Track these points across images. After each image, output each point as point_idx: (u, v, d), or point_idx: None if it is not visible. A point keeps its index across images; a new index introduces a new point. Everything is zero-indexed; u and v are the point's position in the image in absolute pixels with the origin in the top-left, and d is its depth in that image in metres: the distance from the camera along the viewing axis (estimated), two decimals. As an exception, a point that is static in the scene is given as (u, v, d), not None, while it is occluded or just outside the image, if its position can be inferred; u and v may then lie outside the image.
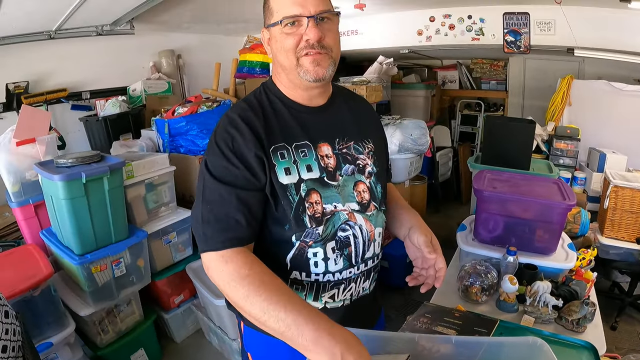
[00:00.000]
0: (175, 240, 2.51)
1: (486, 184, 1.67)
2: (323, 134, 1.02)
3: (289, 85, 1.02)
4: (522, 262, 1.56)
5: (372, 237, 1.04)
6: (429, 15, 3.80)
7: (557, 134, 3.06)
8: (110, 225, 2.10)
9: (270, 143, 0.95)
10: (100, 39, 3.60)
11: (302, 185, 0.95)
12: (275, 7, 0.95)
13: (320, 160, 0.99)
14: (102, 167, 2.01)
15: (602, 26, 3.18)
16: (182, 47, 4.32)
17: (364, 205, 1.03)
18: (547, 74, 4.23)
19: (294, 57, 0.94)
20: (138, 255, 2.25)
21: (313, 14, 0.91)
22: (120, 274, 2.16)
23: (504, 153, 2.24)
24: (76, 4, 2.63)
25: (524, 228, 1.59)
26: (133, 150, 2.80)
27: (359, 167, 1.05)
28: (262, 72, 3.26)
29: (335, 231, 0.98)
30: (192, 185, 2.72)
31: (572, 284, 1.55)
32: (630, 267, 2.67)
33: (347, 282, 1.03)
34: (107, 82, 3.76)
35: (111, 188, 2.05)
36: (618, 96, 3.32)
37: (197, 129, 2.59)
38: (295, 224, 0.95)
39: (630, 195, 2.52)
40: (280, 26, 0.93)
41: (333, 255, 0.98)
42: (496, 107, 5.59)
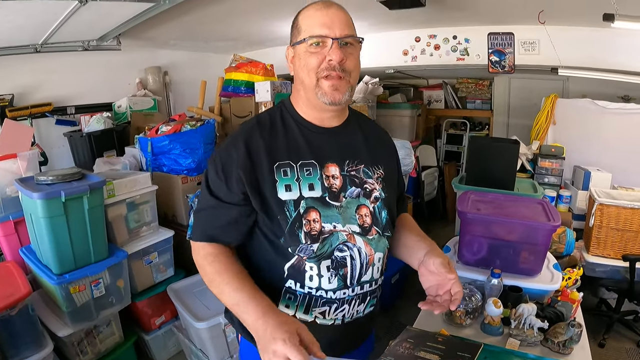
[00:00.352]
0: (157, 260, 2.47)
1: (470, 206, 1.66)
2: (332, 155, 1.05)
3: (306, 104, 1.06)
4: (506, 284, 1.53)
5: (371, 261, 1.05)
6: (414, 36, 3.84)
7: (541, 152, 3.08)
8: (90, 244, 2.06)
9: (275, 160, 1.00)
10: (86, 54, 3.59)
11: (302, 202, 0.99)
12: (303, 26, 1.00)
13: (324, 180, 1.02)
14: (82, 185, 1.98)
15: (585, 45, 3.24)
16: (169, 63, 4.32)
17: (365, 229, 1.04)
18: (532, 92, 4.30)
19: (314, 77, 0.99)
20: (118, 276, 2.21)
21: (338, 36, 0.97)
22: (99, 295, 2.11)
23: (488, 173, 2.23)
24: (62, 18, 2.62)
25: (509, 250, 1.57)
26: (116, 167, 2.77)
27: (366, 190, 1.07)
28: (248, 91, 3.25)
29: (332, 250, 0.99)
30: (174, 205, 2.69)
31: (557, 305, 1.53)
32: (617, 285, 2.67)
33: (340, 302, 1.03)
34: (92, 98, 3.74)
35: (91, 207, 2.02)
36: (602, 114, 3.36)
37: (180, 148, 2.58)
38: (290, 239, 0.98)
39: (616, 213, 2.54)
40: (306, 44, 0.98)
41: (327, 274, 1.00)
42: (481, 126, 5.66)
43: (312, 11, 1.00)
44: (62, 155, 3.55)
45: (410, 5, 2.32)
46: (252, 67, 3.25)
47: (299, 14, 1.04)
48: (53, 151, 3.51)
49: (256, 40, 4.32)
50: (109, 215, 2.24)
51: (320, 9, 0.99)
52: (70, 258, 2.00)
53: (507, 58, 3.45)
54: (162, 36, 3.70)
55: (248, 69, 3.24)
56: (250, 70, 3.23)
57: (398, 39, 3.90)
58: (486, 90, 5.29)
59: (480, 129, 5.64)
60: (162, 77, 4.22)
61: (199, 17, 3.06)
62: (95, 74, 3.74)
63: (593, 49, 3.22)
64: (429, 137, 5.82)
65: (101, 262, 2.10)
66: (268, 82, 3.08)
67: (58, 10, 2.47)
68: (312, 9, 1.01)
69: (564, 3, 2.68)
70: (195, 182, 2.66)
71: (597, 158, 3.23)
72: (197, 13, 2.94)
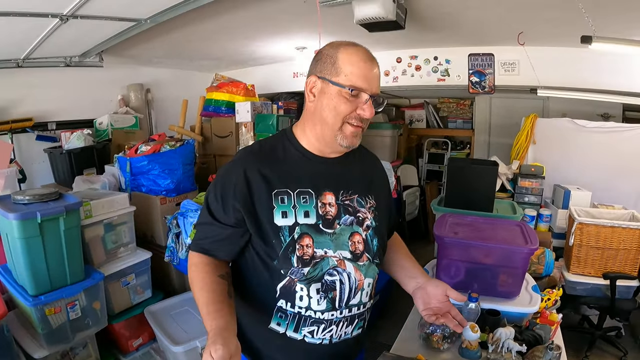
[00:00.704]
0: (134, 282, 2.43)
1: (448, 229, 1.65)
2: (329, 184, 1.10)
3: (315, 136, 1.09)
4: (484, 308, 1.52)
5: (360, 286, 1.09)
6: (395, 57, 3.88)
7: (521, 172, 3.10)
8: (66, 266, 2.05)
9: (274, 187, 1.05)
10: (68, 70, 3.56)
11: (297, 228, 1.04)
12: (343, 69, 1.01)
13: (319, 208, 1.07)
14: (59, 206, 1.97)
15: (564, 66, 3.31)
16: (151, 81, 4.30)
17: (356, 255, 1.09)
18: (512, 112, 4.35)
19: (340, 121, 1.04)
20: (94, 298, 2.18)
21: (374, 93, 1.03)
22: (75, 317, 2.09)
23: (467, 196, 2.23)
24: (44, 35, 2.61)
25: (487, 273, 1.56)
26: (95, 187, 2.74)
27: (359, 219, 1.12)
28: (228, 111, 3.26)
29: (322, 274, 1.04)
30: (153, 225, 2.67)
31: (536, 328, 1.52)
32: (598, 302, 2.68)
33: (328, 323, 1.08)
34: (73, 114, 3.71)
35: (67, 228, 2.01)
36: (581, 133, 3.40)
37: (158, 168, 2.57)
38: (283, 261, 1.03)
39: (596, 232, 2.55)
40: (343, 90, 1.01)
41: (317, 296, 1.04)
42: (463, 145, 5.72)
43: (357, 59, 1.02)
44: (42, 171, 3.50)
45: (391, 28, 2.35)
46: (233, 87, 3.27)
47: (340, 52, 1.03)
48: (33, 167, 3.47)
49: (239, 60, 4.34)
50: (86, 236, 2.22)
51: (365, 60, 1.03)
52: (46, 279, 1.98)
53: (487, 79, 3.51)
54: (145, 54, 3.69)
55: (229, 88, 3.25)
56: (231, 90, 3.25)
57: (379, 59, 3.86)
58: (467, 109, 5.36)
59: (461, 148, 5.69)
60: (145, 95, 4.20)
61: (183, 35, 3.07)
62: (77, 90, 3.71)
63: (572, 69, 3.30)
64: (411, 156, 5.85)
65: (77, 284, 2.09)
66: (249, 103, 3.09)
67: (40, 27, 2.47)
68: (356, 56, 1.03)
69: (542, 25, 2.74)
70: (174, 203, 2.64)
71: (577, 176, 3.26)
72: (181, 31, 2.94)
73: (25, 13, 2.17)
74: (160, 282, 2.60)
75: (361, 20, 2.28)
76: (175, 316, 2.34)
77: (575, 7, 2.12)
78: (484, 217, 1.87)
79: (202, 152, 3.44)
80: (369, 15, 2.22)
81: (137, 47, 3.37)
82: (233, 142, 3.24)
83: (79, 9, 2.20)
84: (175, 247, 2.37)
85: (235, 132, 3.23)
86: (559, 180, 3.22)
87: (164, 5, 2.24)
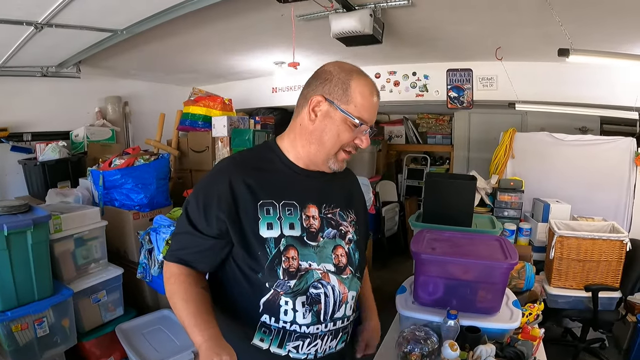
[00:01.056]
0: (105, 299, 2.35)
1: (425, 245, 1.62)
2: (312, 197, 1.10)
3: (301, 151, 1.10)
4: (464, 325, 1.49)
5: (345, 299, 1.09)
6: (374, 72, 3.91)
7: (500, 186, 3.11)
8: (33, 281, 1.98)
9: (259, 198, 1.04)
10: (45, 80, 3.53)
11: (283, 240, 1.03)
12: (354, 98, 1.03)
13: (303, 221, 1.07)
14: (26, 220, 1.92)
15: (542, 80, 3.38)
16: (129, 94, 4.28)
17: (340, 268, 1.09)
18: (491, 126, 4.40)
19: (338, 148, 1.07)
20: (63, 315, 2.11)
21: (371, 125, 1.08)
22: (43, 334, 2.02)
23: (445, 211, 2.20)
24: (19, 43, 2.58)
25: (466, 289, 1.53)
26: (67, 200, 2.68)
27: (341, 232, 1.12)
28: (205, 125, 3.23)
29: (307, 287, 1.04)
30: (126, 241, 2.61)
31: (518, 344, 1.49)
32: (580, 315, 2.68)
33: (313, 337, 1.06)
34: (49, 125, 3.66)
35: (35, 242, 1.95)
36: (559, 146, 3.44)
37: (132, 182, 2.52)
38: (269, 274, 1.01)
39: (576, 244, 2.56)
40: (350, 119, 1.04)
41: (302, 309, 1.03)
42: (442, 161, 5.77)
43: (368, 92, 1.05)
44: (16, 183, 3.45)
45: (368, 42, 2.35)
46: (210, 101, 3.25)
47: (353, 80, 1.05)
48: (7, 178, 3.43)
49: (218, 74, 4.34)
50: (55, 251, 2.16)
51: (374, 94, 1.07)
52: (13, 295, 1.92)
53: (465, 94, 3.55)
54: (122, 65, 3.68)
55: (206, 102, 3.23)
56: (208, 104, 3.22)
57: None
58: (446, 125, 5.42)
59: (441, 163, 5.75)
60: (122, 108, 4.17)
61: (160, 47, 3.06)
62: (53, 101, 3.67)
63: (549, 83, 3.37)
64: (390, 172, 5.88)
65: (45, 300, 2.02)
66: (225, 117, 3.07)
67: (14, 35, 2.44)
68: (368, 88, 1.06)
69: (520, 39, 2.79)
70: (147, 219, 2.58)
71: (556, 190, 3.28)
72: (158, 43, 2.93)
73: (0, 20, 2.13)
74: (132, 299, 2.52)
75: (338, 34, 2.28)
76: (147, 335, 2.26)
77: (552, 21, 2.16)
78: (462, 232, 1.86)
79: (178, 166, 3.38)
80: (346, 29, 2.23)
81: (115, 59, 3.34)
82: (209, 156, 3.20)
83: (54, 17, 2.18)
84: (148, 264, 2.30)
85: (211, 147, 3.19)
86: (538, 194, 3.24)
87: (140, 16, 2.23)
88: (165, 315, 2.41)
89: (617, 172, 3.27)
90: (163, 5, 2.07)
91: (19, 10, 2.07)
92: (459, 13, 2.34)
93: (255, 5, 2.20)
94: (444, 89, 3.64)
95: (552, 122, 4.09)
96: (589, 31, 2.42)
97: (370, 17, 2.19)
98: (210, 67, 3.95)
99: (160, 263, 2.23)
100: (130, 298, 2.50)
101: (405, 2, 2.17)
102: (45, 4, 2.01)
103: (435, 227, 2.04)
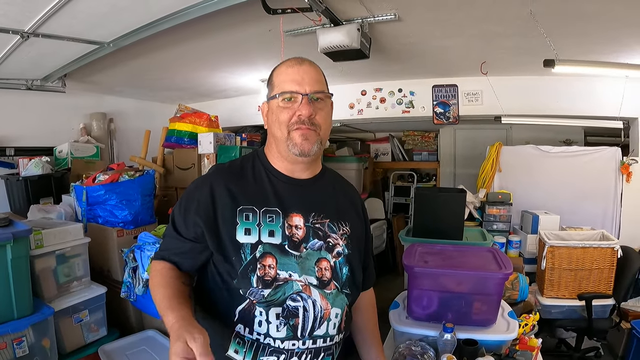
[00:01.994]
0: (87, 319, 2.27)
1: (417, 259, 1.60)
2: (298, 206, 1.07)
3: (277, 157, 1.10)
4: (461, 338, 1.46)
5: (327, 316, 1.04)
6: (360, 89, 3.93)
7: (488, 200, 3.13)
8: (12, 298, 1.91)
9: (239, 204, 1.03)
10: (29, 94, 3.49)
11: (260, 247, 1.01)
12: (276, 82, 1.07)
13: (286, 229, 1.04)
14: (6, 233, 1.86)
15: (526, 93, 3.44)
16: (114, 111, 4.26)
17: (323, 282, 1.04)
18: (476, 142, 4.47)
19: (285, 130, 1.04)
20: (43, 334, 2.02)
21: (307, 92, 1.03)
22: (22, 354, 1.93)
23: (435, 224, 2.19)
24: (4, 53, 2.55)
25: (461, 302, 1.51)
26: (50, 216, 2.62)
27: (329, 244, 1.08)
28: (191, 142, 3.22)
29: (285, 299, 1.00)
30: (109, 259, 2.54)
31: (517, 355, 1.48)
32: (575, 324, 2.68)
33: (289, 354, 1.01)
34: (33, 140, 3.61)
35: (15, 257, 1.90)
36: (546, 158, 3.51)
37: (116, 198, 2.48)
38: (242, 280, 0.99)
39: (567, 254, 2.57)
40: (278, 100, 1.04)
41: (276, 322, 0.99)
42: (429, 177, 5.83)
43: (284, 68, 1.07)
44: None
45: (355, 57, 2.36)
46: (197, 117, 3.24)
47: (274, 71, 1.10)
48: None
49: (203, 92, 4.33)
50: (36, 267, 2.10)
51: (292, 65, 1.06)
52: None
53: (451, 109, 3.60)
54: (108, 81, 3.65)
55: (192, 119, 3.22)
56: (194, 120, 3.22)
57: (343, 92, 3.97)
58: (432, 142, 5.49)
59: (427, 180, 5.80)
60: (107, 124, 4.14)
61: (146, 62, 3.04)
62: (37, 116, 3.63)
63: (534, 96, 3.44)
64: (377, 189, 5.89)
65: (24, 319, 1.94)
66: (211, 134, 3.06)
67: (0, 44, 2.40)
68: (284, 65, 1.08)
69: (504, 54, 2.84)
70: (132, 236, 2.53)
71: (544, 201, 3.33)
72: (145, 58, 2.91)
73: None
74: (116, 319, 2.44)
75: (325, 49, 2.28)
76: (131, 356, 2.18)
77: (536, 34, 2.20)
78: (454, 245, 1.85)
79: (163, 184, 3.33)
80: (333, 44, 2.24)
81: (100, 74, 3.32)
82: (195, 174, 3.15)
83: (41, 27, 2.15)
84: (132, 282, 2.23)
85: (197, 164, 3.16)
86: (526, 206, 3.27)
87: (127, 28, 2.20)
88: (150, 336, 2.33)
89: (603, 181, 3.34)
90: (150, 18, 2.05)
91: (4, 18, 2.03)
92: (444, 27, 2.37)
93: (242, 18, 2.18)
94: (430, 105, 3.68)
95: (537, 136, 4.15)
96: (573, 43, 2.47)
97: (358, 31, 2.20)
98: (196, 84, 3.94)
99: (145, 282, 2.17)
100: (113, 318, 2.42)
101: (392, 16, 2.18)
102: (32, 12, 1.98)
103: (426, 241, 2.03)
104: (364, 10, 2.12)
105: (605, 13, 2.06)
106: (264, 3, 1.87)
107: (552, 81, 3.32)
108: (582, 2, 1.94)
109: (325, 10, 1.98)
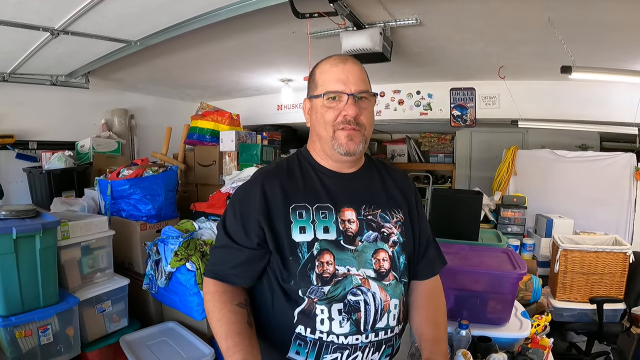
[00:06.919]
0: (110, 309, 2.30)
1: (434, 258, 1.64)
2: (348, 200, 1.06)
3: (321, 155, 1.10)
4: (475, 335, 1.49)
5: (387, 308, 1.03)
6: (379, 91, 3.97)
7: (504, 203, 3.14)
8: (40, 287, 1.94)
9: (291, 202, 1.02)
10: (54, 89, 3.57)
11: (316, 244, 1.00)
12: (320, 81, 1.05)
13: (339, 224, 1.03)
14: (36, 224, 1.88)
15: (544, 98, 3.45)
16: (136, 107, 4.33)
17: (381, 274, 1.03)
18: (493, 145, 4.46)
19: (331, 129, 1.03)
20: (68, 323, 2.06)
21: (353, 92, 1.02)
22: (46, 342, 1.96)
23: (452, 225, 2.21)
24: (33, 49, 2.60)
25: (476, 300, 1.54)
26: (73, 209, 2.65)
27: (383, 235, 1.07)
28: (212, 139, 3.25)
29: (345, 294, 0.99)
30: (132, 252, 2.58)
31: (529, 353, 1.50)
32: (585, 327, 2.68)
33: (353, 349, 1.00)
34: (56, 135, 3.69)
35: (43, 247, 1.92)
36: (561, 163, 3.50)
37: (140, 193, 2.51)
38: (301, 279, 0.98)
39: (580, 257, 2.58)
40: (323, 99, 1.03)
41: (339, 317, 0.98)
42: (444, 179, 5.77)
43: (328, 66, 1.05)
44: (19, 191, 3.45)
45: (377, 59, 2.40)
46: (219, 115, 3.27)
47: (316, 68, 1.09)
48: (10, 186, 3.41)
49: (224, 90, 4.39)
50: (61, 258, 2.12)
51: (337, 64, 1.05)
52: (18, 300, 1.87)
53: (468, 112, 3.62)
54: (130, 78, 3.71)
55: (214, 117, 3.25)
56: (216, 118, 3.25)
57: None
58: (448, 144, 5.46)
59: (442, 182, 5.76)
60: (128, 120, 4.21)
61: (170, 61, 3.10)
62: (61, 111, 3.70)
63: (550, 101, 3.45)
64: None
65: (50, 307, 1.97)
66: (233, 132, 3.10)
67: (29, 40, 2.46)
68: (327, 63, 1.06)
69: (522, 59, 2.86)
70: (155, 230, 2.57)
71: (558, 206, 3.33)
72: (169, 57, 2.97)
73: (17, 24, 2.14)
74: (137, 310, 2.47)
75: (348, 52, 2.33)
76: (152, 347, 2.21)
77: (554, 40, 2.22)
78: (470, 245, 1.88)
79: (184, 180, 3.38)
80: (356, 47, 2.28)
81: (124, 71, 3.38)
82: (216, 171, 3.19)
83: (71, 25, 2.20)
84: (154, 275, 2.28)
85: (218, 161, 3.20)
86: (540, 210, 3.27)
87: (155, 27, 2.26)
88: (171, 327, 2.38)
89: (617, 187, 3.34)
90: (180, 18, 2.10)
91: (37, 15, 2.07)
92: (465, 32, 2.40)
93: (267, 20, 2.23)
94: (448, 108, 3.70)
95: (553, 140, 4.14)
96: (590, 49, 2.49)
97: (380, 35, 2.24)
98: (217, 83, 4.00)
99: (167, 274, 2.21)
100: (135, 310, 2.46)
101: (414, 21, 2.23)
102: (64, 10, 2.02)
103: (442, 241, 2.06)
104: (386, 14, 2.16)
105: (625, 22, 2.08)
106: (293, 8, 1.91)
107: (569, 86, 3.32)
108: (603, 11, 1.96)
109: (350, 14, 2.03)
